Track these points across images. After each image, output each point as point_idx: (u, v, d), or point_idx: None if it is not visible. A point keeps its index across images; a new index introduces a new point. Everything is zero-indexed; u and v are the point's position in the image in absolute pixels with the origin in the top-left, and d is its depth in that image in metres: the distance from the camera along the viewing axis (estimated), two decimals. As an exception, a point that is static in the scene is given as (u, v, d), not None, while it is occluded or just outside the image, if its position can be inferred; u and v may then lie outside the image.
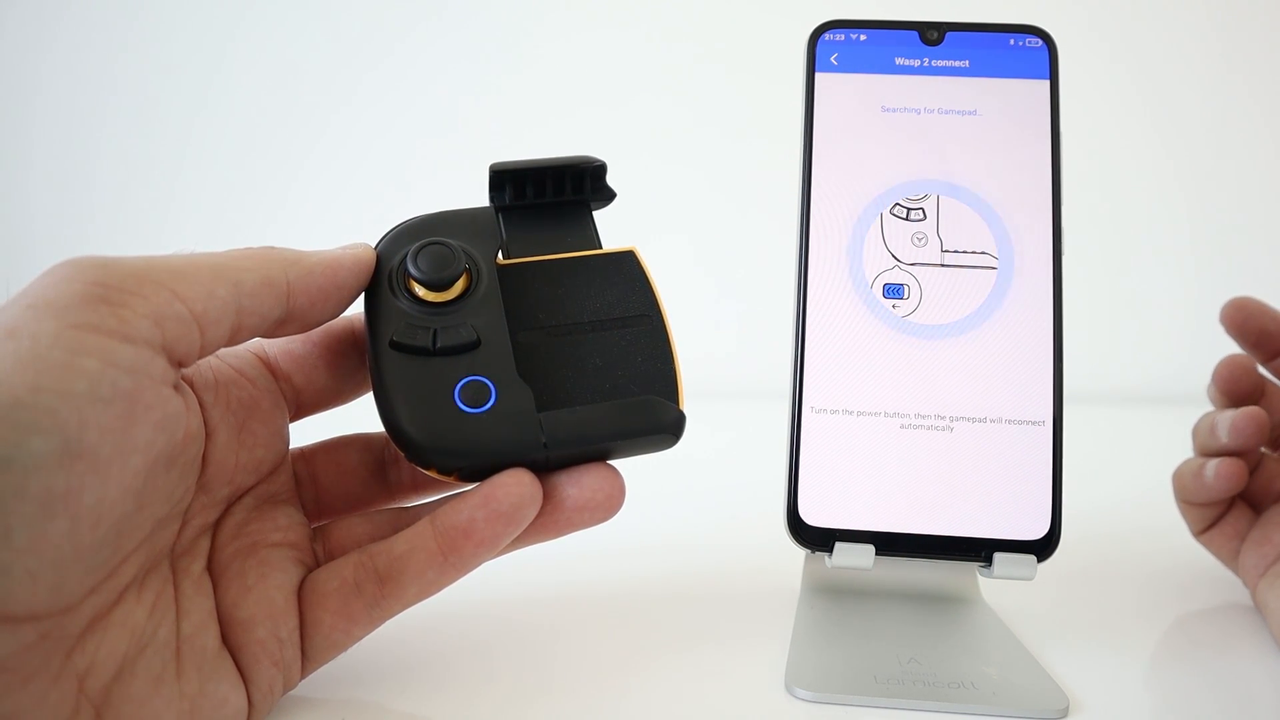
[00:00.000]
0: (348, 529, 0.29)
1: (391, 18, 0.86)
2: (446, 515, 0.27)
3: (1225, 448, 0.35)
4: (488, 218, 0.31)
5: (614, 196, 0.33)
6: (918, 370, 0.33)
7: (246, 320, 0.25)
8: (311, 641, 0.27)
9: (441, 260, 0.29)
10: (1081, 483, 0.36)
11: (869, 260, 0.33)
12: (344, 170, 0.89)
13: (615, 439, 0.28)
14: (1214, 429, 0.36)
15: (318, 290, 0.27)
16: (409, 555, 0.27)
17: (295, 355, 0.30)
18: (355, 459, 0.31)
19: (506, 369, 0.28)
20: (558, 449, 0.28)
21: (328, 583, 0.27)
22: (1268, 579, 0.34)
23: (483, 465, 0.28)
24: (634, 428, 0.28)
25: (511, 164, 0.32)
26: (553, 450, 0.28)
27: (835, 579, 0.34)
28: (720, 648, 0.32)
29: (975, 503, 0.32)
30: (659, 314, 0.30)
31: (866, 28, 0.35)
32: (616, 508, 0.29)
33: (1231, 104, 0.82)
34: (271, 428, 0.28)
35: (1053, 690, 0.28)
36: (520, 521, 0.27)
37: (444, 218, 0.31)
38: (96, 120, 0.91)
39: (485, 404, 0.28)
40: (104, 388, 0.21)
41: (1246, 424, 0.34)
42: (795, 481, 0.32)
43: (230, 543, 0.27)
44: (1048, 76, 0.35)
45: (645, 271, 0.31)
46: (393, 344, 0.28)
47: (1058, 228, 0.33)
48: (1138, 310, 0.84)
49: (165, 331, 0.22)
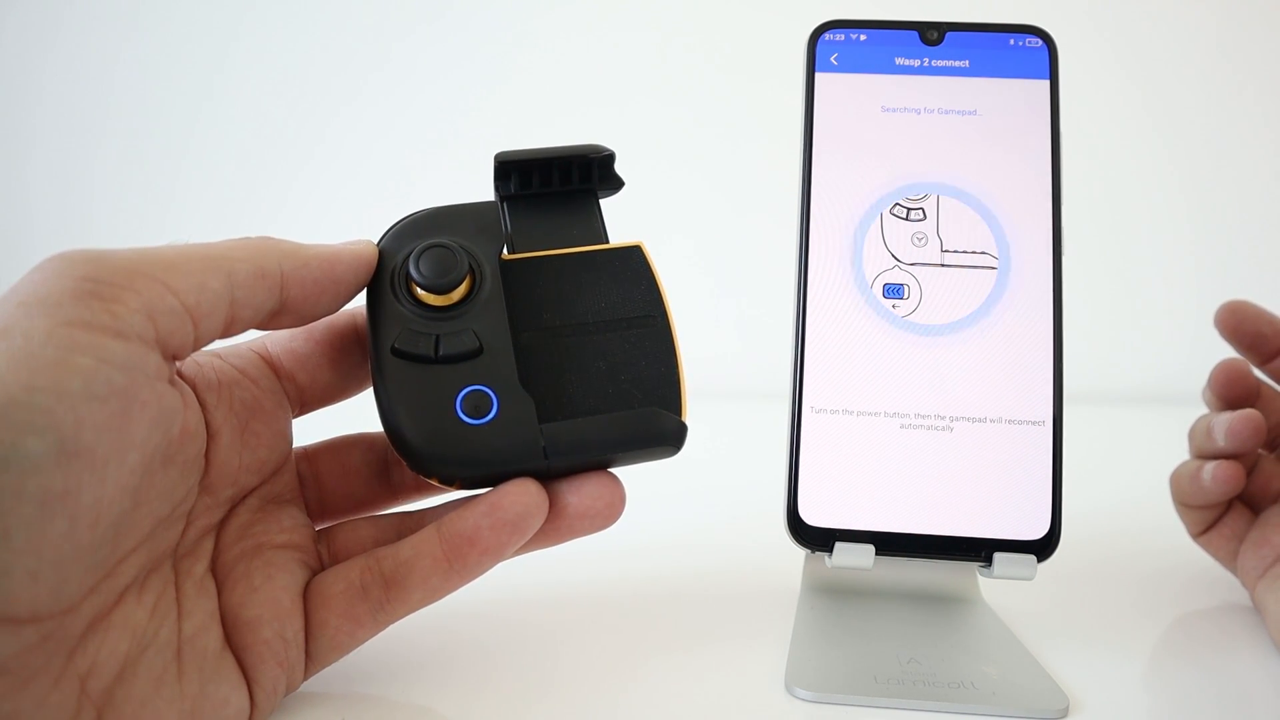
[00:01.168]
0: (353, 532, 0.29)
1: (395, 16, 0.86)
2: (453, 523, 0.27)
3: (1222, 451, 0.35)
4: (491, 213, 0.31)
5: (621, 185, 0.32)
6: (918, 370, 0.33)
7: (240, 312, 0.25)
8: (316, 643, 0.27)
9: (444, 264, 0.28)
10: (1081, 483, 0.36)
11: (869, 260, 0.33)
12: (347, 166, 0.89)
13: (616, 450, 0.28)
14: (1210, 432, 0.35)
15: (313, 283, 0.27)
16: (415, 561, 0.27)
17: (298, 354, 0.29)
18: (358, 459, 0.31)
19: (508, 377, 0.28)
20: (558, 460, 0.28)
21: (334, 585, 0.27)
22: (1266, 580, 0.34)
23: (484, 475, 0.28)
24: (635, 440, 0.28)
25: (518, 153, 0.31)
26: (553, 461, 0.28)
27: (835, 579, 0.34)
28: (720, 648, 0.32)
29: (975, 503, 0.32)
30: (664, 314, 0.30)
31: (866, 28, 0.35)
32: (616, 515, 0.29)
33: (1231, 104, 0.82)
34: (275, 428, 0.28)
35: (1053, 690, 0.28)
36: (526, 531, 0.27)
37: (447, 213, 0.31)
38: (97, 118, 0.91)
39: (487, 414, 0.27)
40: (99, 385, 0.21)
41: (1243, 427, 0.34)
42: (795, 481, 0.32)
43: (235, 544, 0.27)
44: (1048, 76, 0.35)
45: (651, 268, 0.30)
46: (394, 351, 0.28)
47: (1058, 228, 0.33)
48: (1138, 310, 0.84)
49: (158, 326, 0.22)
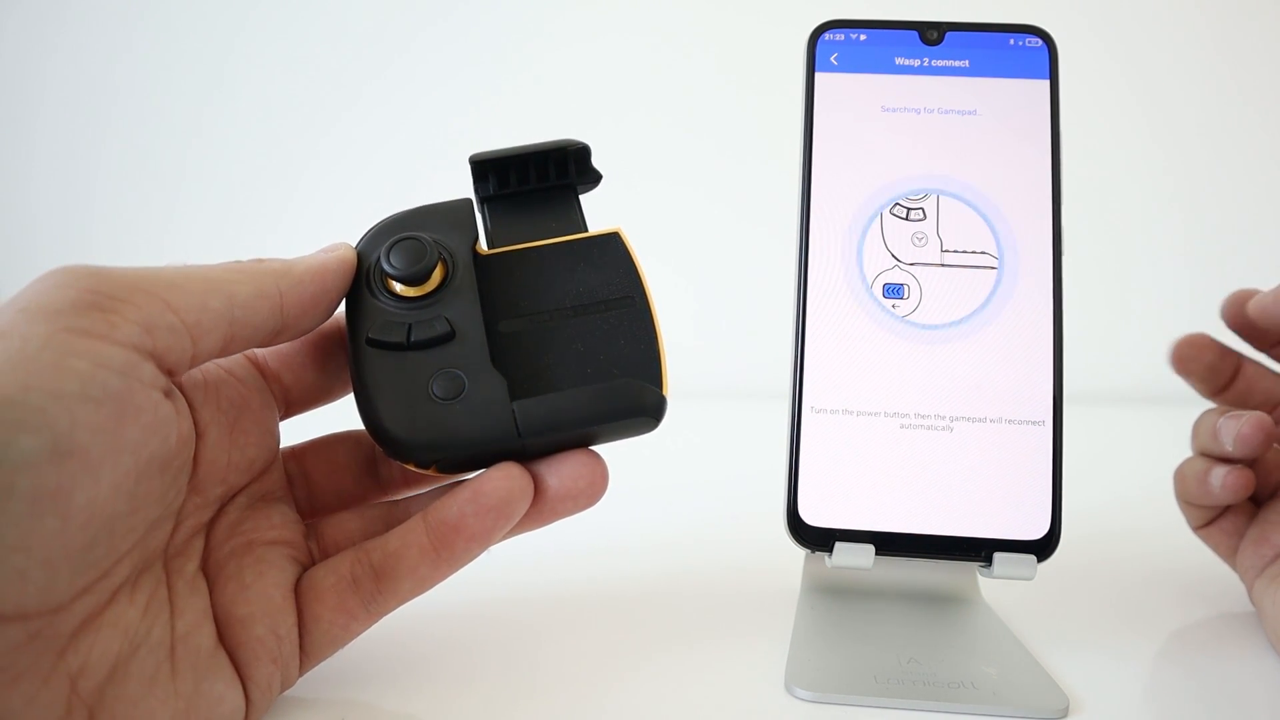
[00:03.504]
0: (341, 526, 0.30)
1: (393, 25, 0.86)
2: (437, 511, 0.27)
3: (1230, 456, 0.34)
4: (464, 209, 0.31)
5: (600, 179, 0.33)
6: (918, 370, 0.33)
7: (240, 331, 0.25)
8: (310, 638, 0.27)
9: (414, 254, 0.29)
10: (1081, 483, 0.36)
11: (869, 260, 0.33)
12: (345, 173, 0.89)
13: (592, 424, 0.28)
14: (1217, 434, 0.34)
15: (310, 299, 0.27)
16: (402, 551, 0.27)
17: (283, 355, 0.30)
18: (346, 455, 0.31)
19: (480, 359, 0.28)
20: (533, 437, 0.27)
21: (324, 579, 0.27)
22: (1264, 579, 0.34)
23: (458, 457, 0.28)
24: (611, 412, 0.28)
25: (491, 153, 0.31)
26: (528, 439, 0.27)
27: (835, 579, 0.34)
28: (720, 648, 0.32)
29: (975, 503, 0.32)
30: (643, 295, 0.30)
31: (866, 28, 0.35)
32: (599, 494, 0.28)
33: (1231, 104, 0.82)
34: (262, 426, 0.28)
35: (1053, 690, 0.28)
36: (510, 515, 0.27)
37: (421, 212, 0.31)
38: (99, 125, 0.91)
39: (458, 396, 0.27)
40: (94, 388, 0.21)
41: (1253, 434, 0.33)
42: (795, 481, 0.32)
43: (225, 542, 0.27)
44: (1047, 76, 0.34)
45: (630, 252, 0.30)
46: (369, 340, 0.28)
47: (1058, 228, 0.33)
48: (1138, 310, 0.84)
49: (156, 340, 0.23)
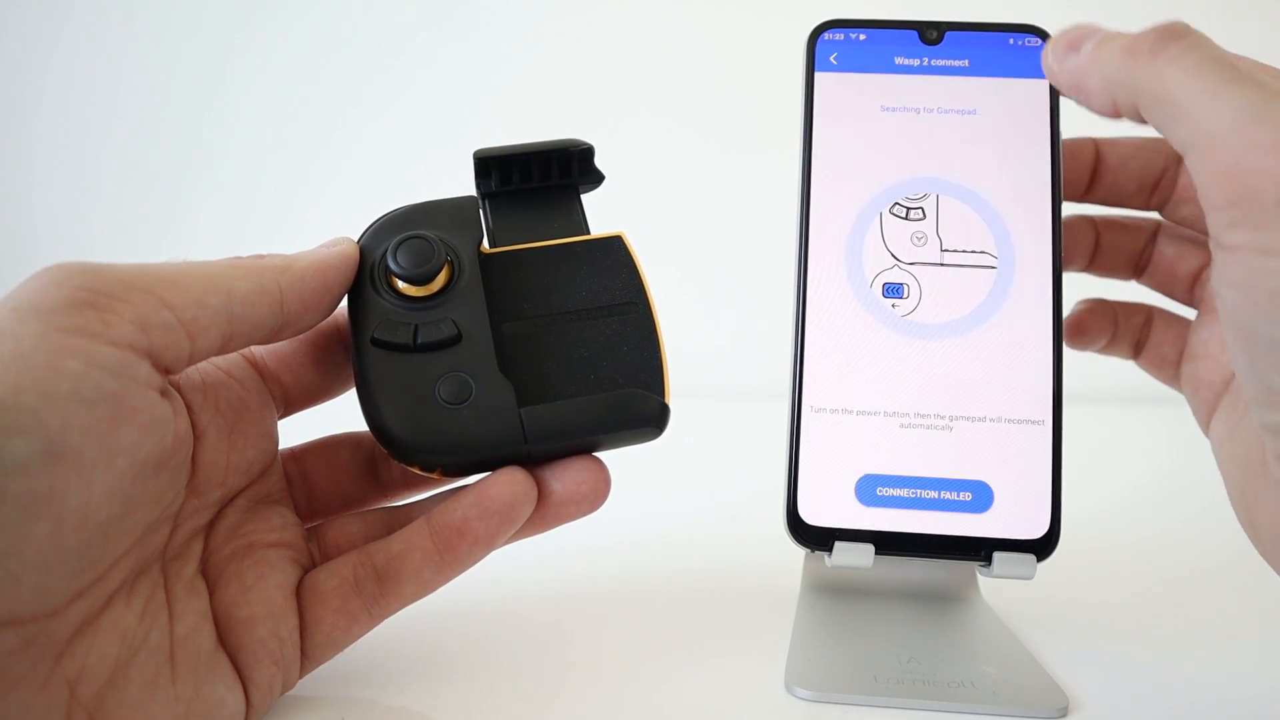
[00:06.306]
0: (342, 528, 0.30)
1: (396, 24, 0.86)
2: (441, 514, 0.27)
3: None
4: (470, 207, 0.31)
5: (602, 179, 0.32)
6: (917, 369, 0.33)
7: (239, 328, 0.25)
8: (311, 640, 0.27)
9: (421, 254, 0.28)
10: (1081, 483, 0.36)
11: (868, 259, 0.33)
12: (348, 169, 0.89)
13: (596, 433, 0.28)
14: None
15: (311, 295, 0.27)
16: (406, 554, 0.27)
17: (282, 354, 0.30)
18: (346, 457, 0.31)
19: (487, 364, 0.28)
20: (539, 444, 0.27)
21: (327, 582, 0.27)
22: (1220, 417, 0.30)
23: (464, 462, 0.28)
24: (615, 422, 0.28)
25: (497, 150, 0.31)
26: (534, 445, 0.27)
27: (835, 578, 0.34)
28: (720, 647, 0.32)
29: (975, 502, 0.32)
30: (645, 301, 0.30)
31: (866, 27, 0.35)
32: (602, 500, 0.29)
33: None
34: (261, 428, 0.28)
35: (1052, 690, 0.28)
36: (514, 520, 0.27)
37: (426, 208, 0.31)
38: (99, 124, 0.91)
39: (465, 400, 0.27)
40: (87, 389, 0.21)
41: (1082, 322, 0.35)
42: (795, 481, 0.32)
43: (225, 545, 0.27)
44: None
45: (633, 257, 0.30)
46: (374, 341, 0.28)
47: (1057, 227, 0.33)
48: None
49: (151, 338, 0.22)
